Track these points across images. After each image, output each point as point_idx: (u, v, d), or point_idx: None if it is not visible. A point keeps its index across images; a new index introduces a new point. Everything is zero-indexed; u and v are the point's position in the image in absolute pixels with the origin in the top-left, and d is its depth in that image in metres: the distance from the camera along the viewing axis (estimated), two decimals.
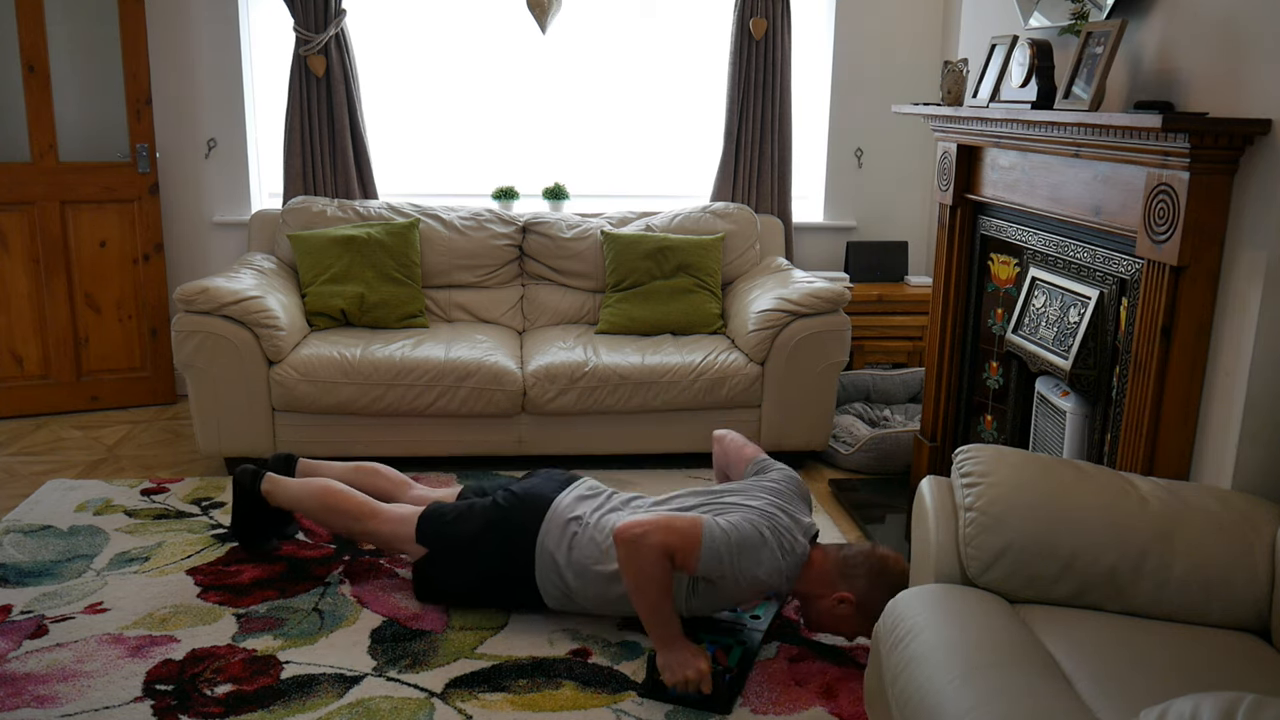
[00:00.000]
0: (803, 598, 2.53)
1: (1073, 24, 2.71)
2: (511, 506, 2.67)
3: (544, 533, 2.61)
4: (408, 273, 4.08)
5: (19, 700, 2.29)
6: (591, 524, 2.61)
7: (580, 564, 2.57)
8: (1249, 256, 2.14)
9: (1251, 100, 2.13)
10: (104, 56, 4.25)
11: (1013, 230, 3.09)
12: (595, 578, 2.56)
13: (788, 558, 2.43)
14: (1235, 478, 2.19)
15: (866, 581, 2.46)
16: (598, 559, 2.55)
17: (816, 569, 2.50)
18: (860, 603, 2.45)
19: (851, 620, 2.48)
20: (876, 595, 2.43)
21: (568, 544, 2.59)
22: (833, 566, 2.49)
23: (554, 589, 2.62)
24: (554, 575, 2.60)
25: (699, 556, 2.34)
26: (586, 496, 2.71)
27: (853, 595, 2.45)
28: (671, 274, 4.09)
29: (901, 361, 4.44)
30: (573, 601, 2.63)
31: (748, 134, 4.47)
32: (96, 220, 4.27)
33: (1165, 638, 1.81)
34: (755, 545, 2.39)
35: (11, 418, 4.28)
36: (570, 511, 2.64)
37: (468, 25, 4.56)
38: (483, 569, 2.66)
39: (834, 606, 2.48)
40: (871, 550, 2.52)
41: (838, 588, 2.47)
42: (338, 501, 2.80)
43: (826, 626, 2.52)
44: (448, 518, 2.70)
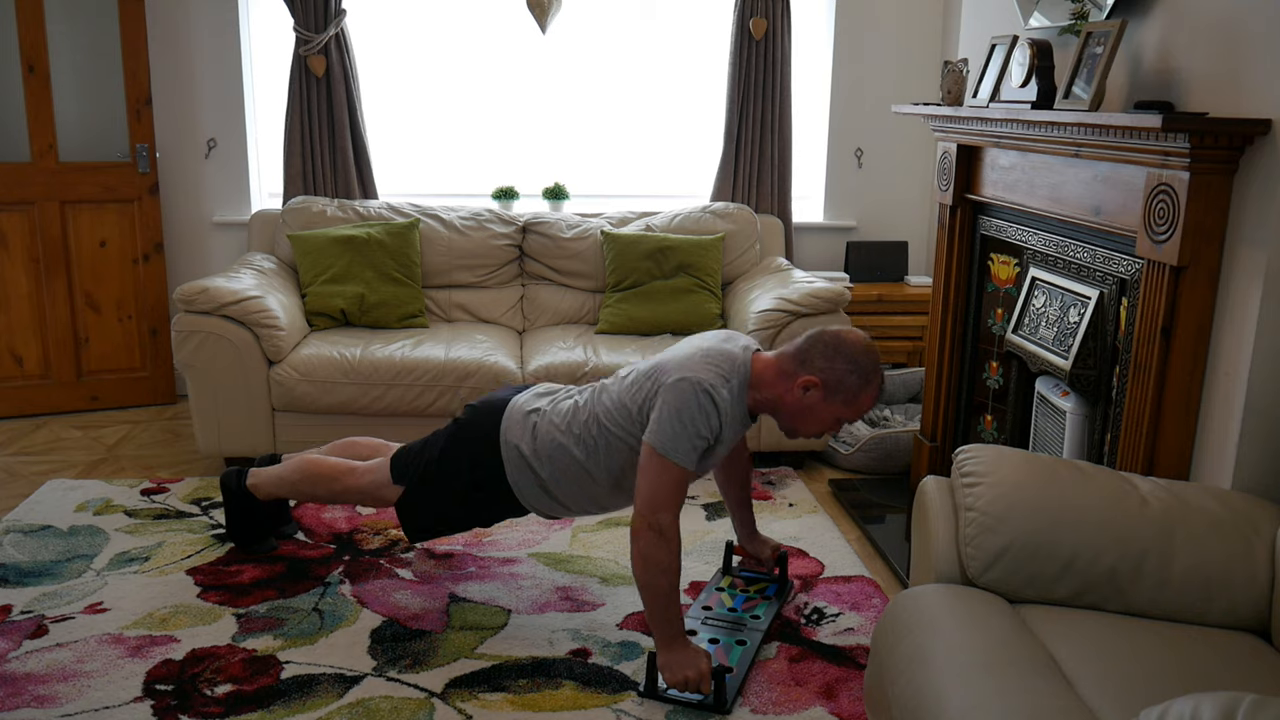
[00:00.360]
0: (771, 408, 2.47)
1: (1073, 24, 2.71)
2: (470, 417, 2.70)
3: (505, 429, 2.62)
4: (408, 273, 4.08)
5: (19, 700, 2.30)
6: (549, 410, 2.62)
7: (545, 450, 2.57)
8: (1249, 256, 2.14)
9: (1251, 100, 2.13)
10: (104, 56, 4.25)
11: (1013, 230, 3.09)
12: (565, 462, 2.55)
13: (732, 379, 2.38)
14: (1235, 478, 2.19)
15: (824, 359, 2.39)
16: (560, 439, 2.55)
17: (771, 369, 2.44)
18: (826, 382, 2.39)
19: (827, 406, 2.42)
20: (840, 368, 2.38)
21: (530, 434, 2.59)
22: (784, 362, 2.43)
23: (529, 487, 2.61)
24: (525, 471, 2.60)
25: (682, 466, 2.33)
26: (543, 393, 2.73)
27: (815, 376, 2.39)
28: (671, 274, 4.09)
29: (901, 361, 4.44)
30: (551, 498, 2.62)
31: (748, 134, 4.47)
32: (96, 220, 4.27)
33: (1165, 638, 1.81)
34: (694, 406, 2.34)
35: (11, 418, 4.28)
36: (529, 406, 2.65)
37: (468, 25, 4.56)
38: (457, 486, 2.66)
39: (802, 398, 2.41)
40: (818, 331, 2.45)
41: (797, 377, 2.41)
42: (317, 469, 2.83)
43: (808, 426, 2.47)
44: (414, 449, 2.74)
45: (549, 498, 2.63)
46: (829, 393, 2.41)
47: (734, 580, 2.90)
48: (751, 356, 2.47)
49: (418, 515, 2.73)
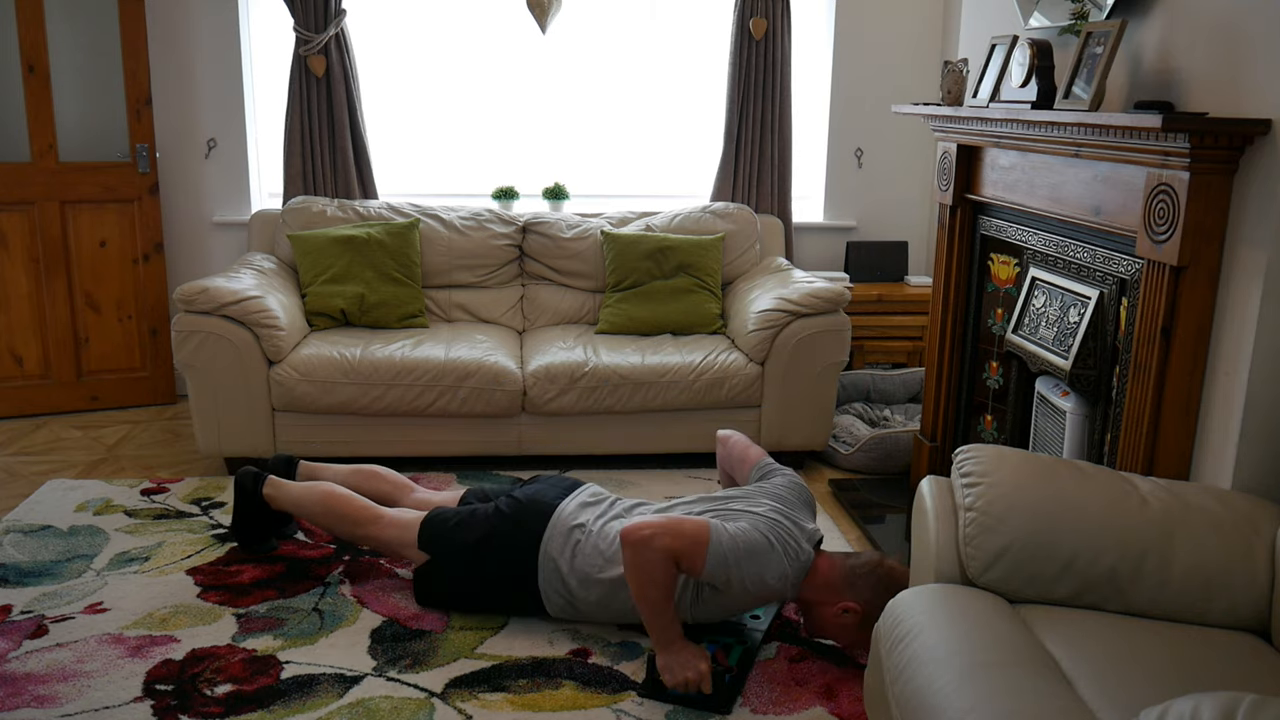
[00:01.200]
0: (806, 604, 2.52)
1: (1073, 24, 2.71)
2: (515, 513, 2.67)
3: (547, 539, 2.61)
4: (408, 273, 4.08)
5: (19, 700, 2.29)
6: (595, 531, 2.60)
7: (584, 571, 2.57)
8: (1249, 256, 2.14)
9: (1251, 100, 2.13)
10: (104, 56, 4.25)
11: (1013, 230, 3.09)
12: (598, 585, 2.55)
13: (793, 564, 2.43)
14: (1235, 478, 2.19)
15: (872, 592, 2.44)
16: (601, 567, 2.55)
17: (822, 576, 2.48)
18: (865, 614, 2.43)
19: (854, 630, 2.46)
20: (880, 607, 2.40)
21: (571, 551, 2.59)
22: (838, 575, 2.48)
23: (557, 596, 2.62)
24: (557, 583, 2.60)
25: (705, 560, 2.34)
26: (590, 503, 2.71)
27: (859, 606, 2.43)
28: (671, 274, 4.09)
29: (901, 361, 4.44)
30: (575, 609, 2.62)
31: (748, 134, 4.47)
32: (96, 220, 4.27)
33: (1165, 638, 1.81)
34: (762, 551, 2.38)
35: (11, 418, 4.28)
36: (574, 519, 2.64)
37: (468, 25, 4.56)
38: (485, 575, 2.66)
39: (839, 616, 2.46)
40: (879, 561, 2.50)
41: (844, 596, 2.45)
42: (340, 506, 2.80)
43: (829, 635, 2.52)
44: (450, 524, 2.70)
45: (573, 608, 2.63)
46: (864, 622, 2.45)
47: None
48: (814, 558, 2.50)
49: (435, 587, 2.72)
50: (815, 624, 2.53)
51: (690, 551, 2.33)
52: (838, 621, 2.47)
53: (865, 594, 2.44)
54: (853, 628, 2.46)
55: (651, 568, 2.33)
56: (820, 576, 2.48)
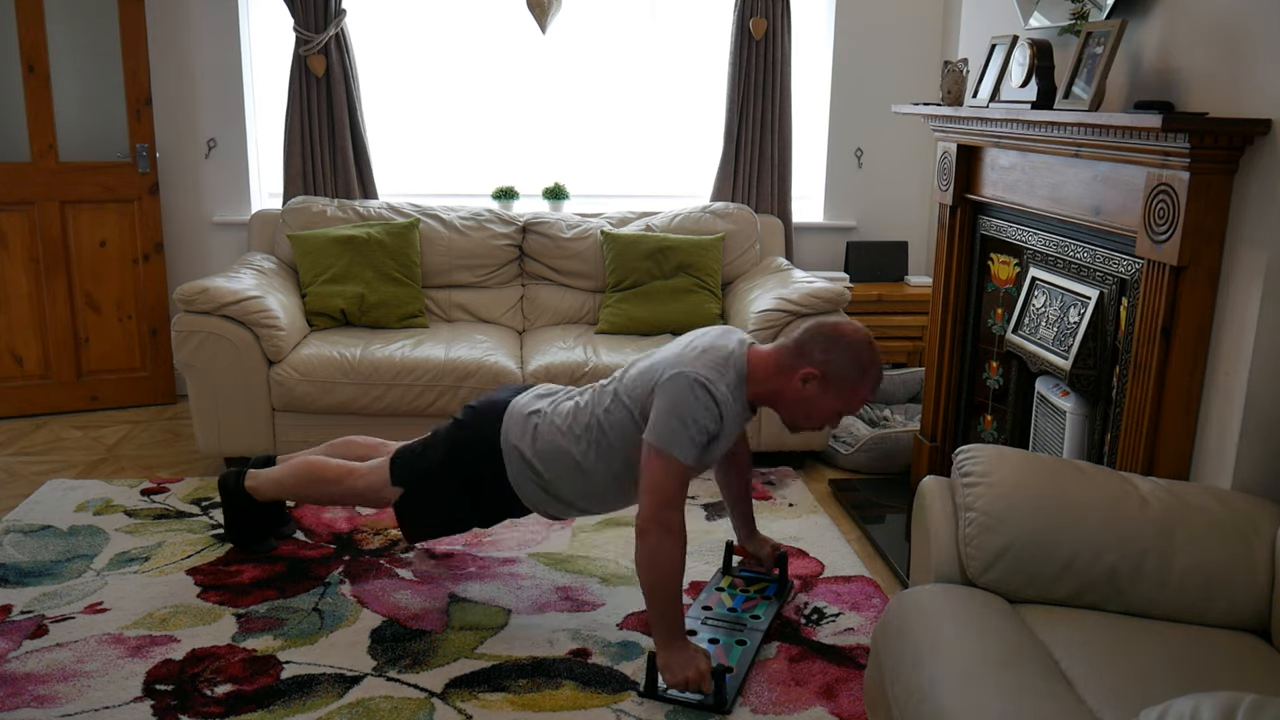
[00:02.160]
0: (770, 400, 2.47)
1: (1073, 24, 2.71)
2: (470, 418, 2.71)
3: (505, 430, 2.62)
4: (408, 273, 4.08)
5: (19, 700, 2.30)
6: (549, 411, 2.63)
7: (546, 451, 2.57)
8: (1249, 256, 2.14)
9: (1251, 100, 2.13)
10: (104, 56, 4.25)
11: (1013, 230, 3.09)
12: (562, 459, 2.56)
13: (728, 372, 2.39)
14: (1235, 478, 2.19)
15: (823, 350, 2.39)
16: (561, 440, 2.56)
17: (768, 363, 2.44)
18: (825, 374, 2.39)
19: (825, 397, 2.42)
20: (838, 359, 2.38)
21: (531, 435, 2.60)
22: (783, 355, 2.43)
23: (530, 487, 2.62)
24: (526, 471, 2.60)
25: (685, 461, 2.33)
26: (543, 394, 2.73)
27: (815, 368, 2.39)
28: (671, 274, 4.09)
29: (901, 361, 4.44)
30: (553, 498, 2.63)
31: (748, 134, 4.47)
32: (96, 220, 4.27)
33: (1165, 638, 1.81)
34: (691, 401, 2.33)
35: (11, 418, 4.28)
36: (529, 408, 2.66)
37: (468, 25, 4.56)
38: (457, 487, 2.67)
39: (801, 389, 2.41)
40: (816, 323, 2.45)
41: (797, 369, 2.41)
42: (316, 470, 2.83)
43: (807, 418, 2.47)
44: (415, 450, 2.75)
45: (550, 497, 2.63)
46: (827, 384, 2.41)
47: (734, 580, 2.90)
48: (747, 350, 2.47)
49: (417, 516, 2.73)
50: (788, 414, 2.48)
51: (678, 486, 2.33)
52: (803, 395, 2.41)
53: (818, 355, 2.40)
54: (820, 395, 2.41)
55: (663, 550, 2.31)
56: (764, 365, 2.44)
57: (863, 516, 3.43)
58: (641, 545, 2.34)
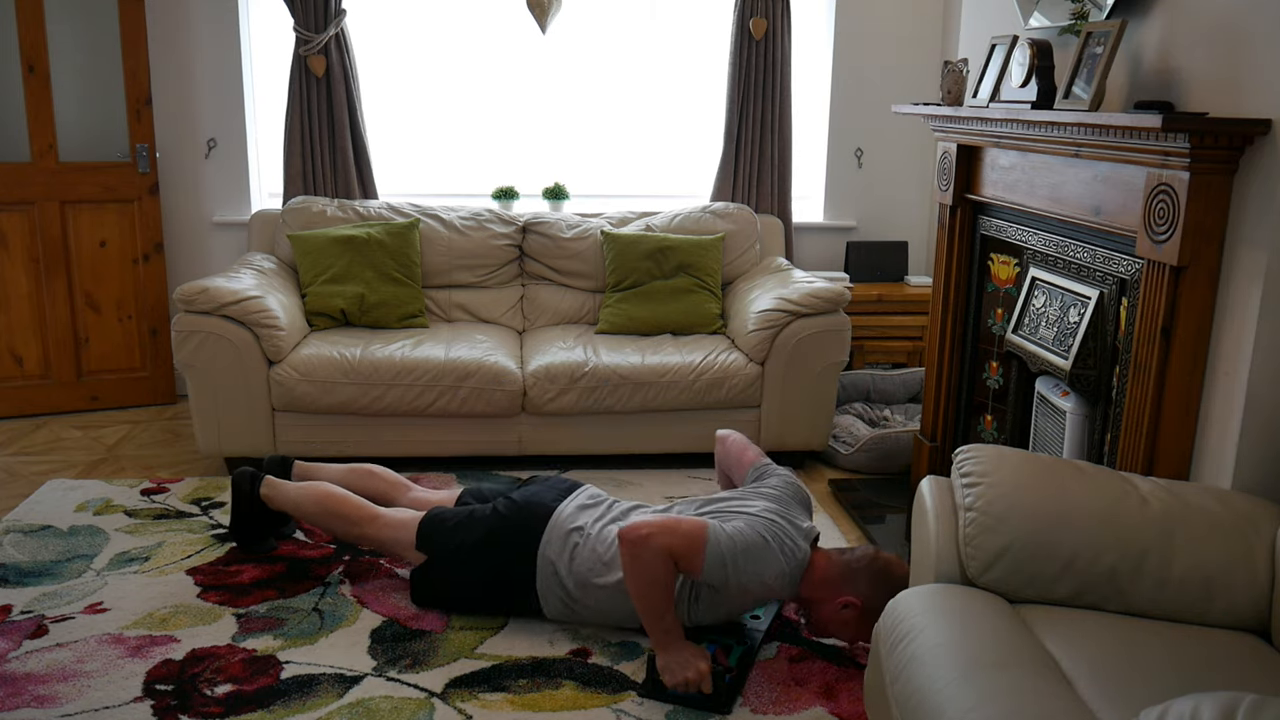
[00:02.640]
0: (805, 602, 2.52)
1: (1073, 24, 2.71)
2: (512, 515, 2.67)
3: (545, 542, 2.61)
4: (408, 273, 4.08)
5: (19, 700, 2.29)
6: (593, 535, 2.61)
7: (582, 575, 2.57)
8: (1249, 256, 2.14)
9: (1251, 100, 2.13)
10: (104, 56, 4.25)
11: (1013, 230, 3.09)
12: (596, 590, 2.56)
13: (790, 562, 2.43)
14: (1235, 478, 2.19)
15: (870, 586, 2.45)
16: (599, 571, 2.55)
17: (819, 573, 2.49)
18: (865, 608, 2.44)
19: (855, 624, 2.47)
20: (879, 599, 2.42)
21: (569, 554, 2.59)
22: (835, 571, 2.48)
23: (555, 598, 2.62)
24: (555, 585, 2.60)
25: (703, 560, 2.34)
26: (588, 505, 2.71)
27: (858, 600, 2.44)
28: (671, 274, 4.09)
29: (901, 361, 4.44)
30: (573, 611, 2.63)
31: (748, 134, 4.47)
32: (96, 220, 4.27)
33: (1165, 638, 1.81)
34: (758, 549, 2.38)
35: (11, 418, 4.28)
36: (572, 521, 2.64)
37: (468, 25, 4.56)
38: (483, 577, 2.66)
39: (838, 611, 2.46)
40: (875, 555, 2.51)
41: (841, 592, 2.46)
42: (337, 506, 2.80)
43: (830, 631, 2.52)
44: (448, 525, 2.70)
45: (571, 611, 2.63)
46: (864, 616, 2.46)
47: None
48: (810, 555, 2.51)
49: (432, 588, 2.72)
50: (816, 622, 2.53)
51: (688, 550, 2.34)
52: (838, 617, 2.47)
53: (863, 588, 2.45)
54: (853, 623, 2.47)
55: (650, 567, 2.33)
56: (818, 573, 2.49)
57: (863, 516, 3.43)
58: (625, 552, 2.36)
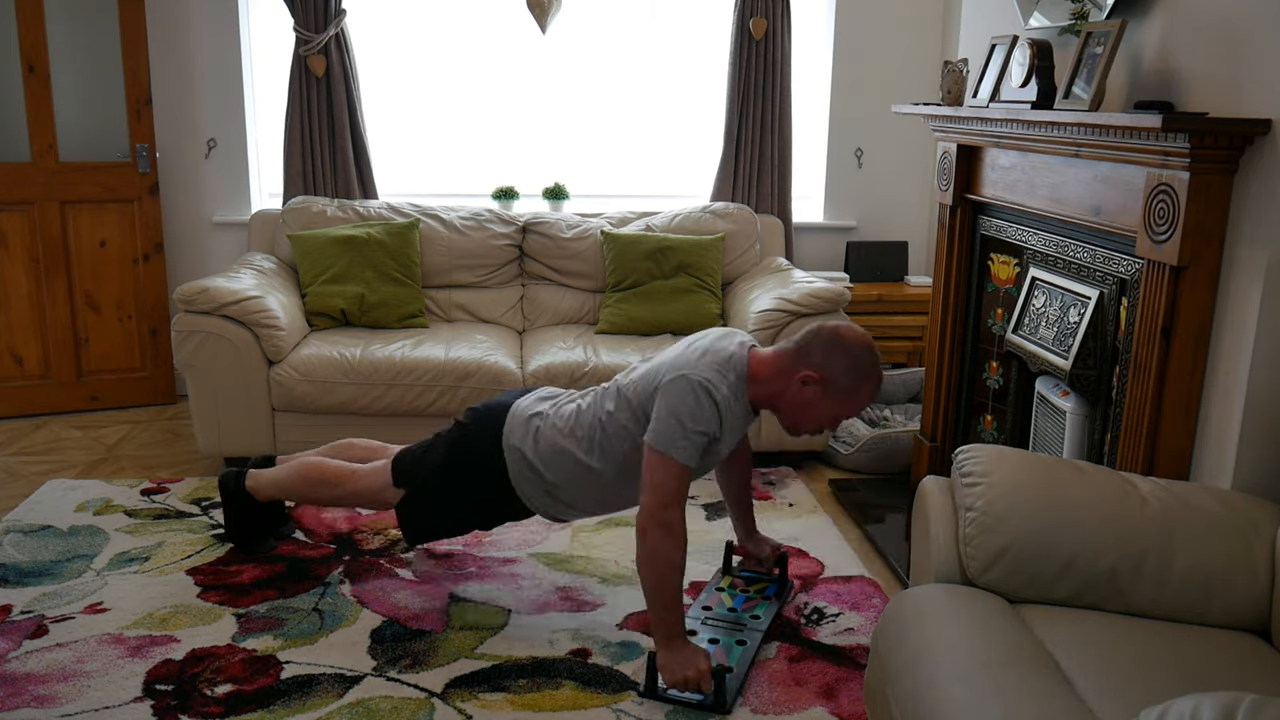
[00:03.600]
0: (770, 404, 2.47)
1: (1073, 24, 2.71)
2: (473, 421, 2.71)
3: (508, 432, 2.63)
4: (408, 273, 4.08)
5: (19, 700, 2.30)
6: (551, 414, 2.63)
7: (549, 453, 2.57)
8: (1249, 256, 2.14)
9: (1251, 100, 2.13)
10: (104, 56, 4.25)
11: (1013, 230, 3.09)
12: (565, 460, 2.56)
13: (729, 375, 2.38)
14: (1235, 478, 2.19)
15: (823, 354, 2.39)
16: (563, 438, 2.56)
17: (766, 367, 2.44)
18: (825, 377, 2.39)
19: (825, 401, 2.41)
20: (838, 363, 2.38)
21: (533, 437, 2.60)
22: (784, 358, 2.43)
23: (533, 489, 2.62)
24: (529, 473, 2.61)
25: (684, 463, 2.33)
26: (545, 397, 2.74)
27: (815, 371, 2.39)
28: (671, 274, 4.09)
29: (901, 361, 4.44)
30: (556, 500, 2.63)
31: (748, 134, 4.47)
32: (96, 220, 4.27)
33: (1165, 638, 1.81)
34: (691, 403, 2.34)
35: (11, 418, 4.28)
36: (531, 410, 2.66)
37: (468, 25, 4.56)
38: (461, 489, 2.67)
39: (800, 392, 2.41)
40: (818, 327, 2.45)
41: (798, 372, 2.41)
42: (316, 473, 2.83)
43: (807, 421, 2.47)
44: (417, 453, 2.75)
45: (553, 500, 2.63)
46: (827, 387, 2.41)
47: (734, 580, 2.90)
48: (749, 352, 2.48)
49: (418, 519, 2.74)
50: (788, 417, 2.48)
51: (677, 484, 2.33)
52: (802, 398, 2.42)
53: (817, 357, 2.40)
54: (820, 399, 2.41)
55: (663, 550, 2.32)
56: (765, 367, 2.44)
57: (863, 516, 3.43)
58: (641, 544, 2.35)
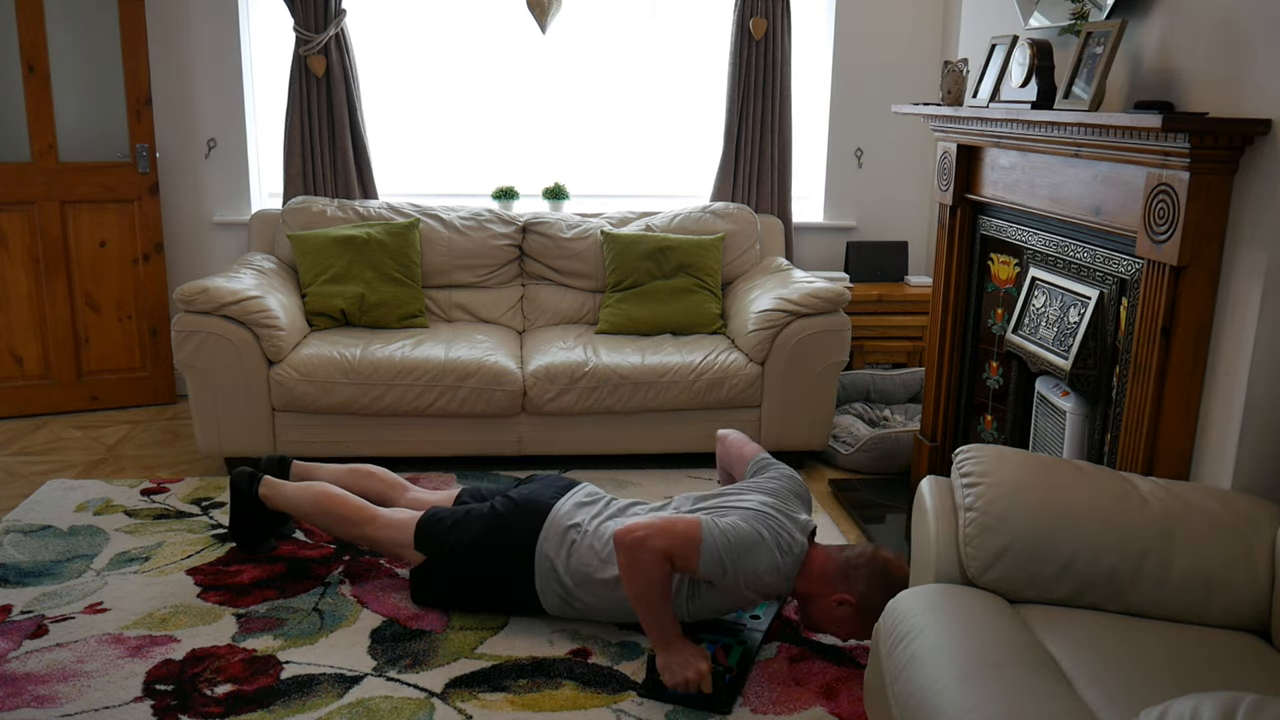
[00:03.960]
0: (802, 598, 2.52)
1: (1073, 24, 2.71)
2: (510, 513, 2.67)
3: (543, 539, 2.61)
4: (408, 273, 4.08)
5: (19, 700, 2.30)
6: (590, 531, 2.61)
7: (580, 571, 2.57)
8: (1249, 256, 2.14)
9: (1251, 100, 2.13)
10: (104, 56, 4.25)
11: (1013, 230, 3.09)
12: (595, 585, 2.56)
13: (786, 557, 2.43)
14: (1235, 478, 2.19)
15: (867, 584, 2.44)
16: (597, 566, 2.55)
17: (817, 568, 2.48)
18: (860, 605, 2.43)
19: (850, 622, 2.46)
20: (877, 598, 2.41)
21: (567, 551, 2.59)
22: (833, 567, 2.47)
23: (553, 595, 2.62)
24: (553, 582, 2.60)
25: (699, 557, 2.34)
26: (585, 503, 2.71)
27: (853, 598, 2.43)
28: (671, 274, 4.09)
29: (901, 361, 4.44)
30: (572, 607, 2.63)
31: (748, 134, 4.47)
32: (96, 220, 4.27)
33: (1165, 638, 1.81)
34: (753, 544, 2.38)
35: (11, 418, 4.28)
36: (569, 519, 2.64)
37: (468, 25, 4.56)
38: (481, 575, 2.66)
39: (833, 608, 2.46)
40: (874, 553, 2.50)
41: (837, 589, 2.45)
42: (335, 506, 2.80)
43: (825, 627, 2.51)
44: (446, 524, 2.70)
45: (571, 609, 2.64)
46: (859, 615, 2.45)
47: None
48: (808, 549, 2.50)
49: (432, 587, 2.73)
50: (811, 617, 2.52)
51: (684, 550, 2.34)
52: (833, 614, 2.46)
53: (860, 585, 2.44)
54: (849, 620, 2.46)
55: (646, 569, 2.33)
56: (815, 568, 2.48)
57: (863, 516, 3.43)
58: (621, 555, 2.36)
